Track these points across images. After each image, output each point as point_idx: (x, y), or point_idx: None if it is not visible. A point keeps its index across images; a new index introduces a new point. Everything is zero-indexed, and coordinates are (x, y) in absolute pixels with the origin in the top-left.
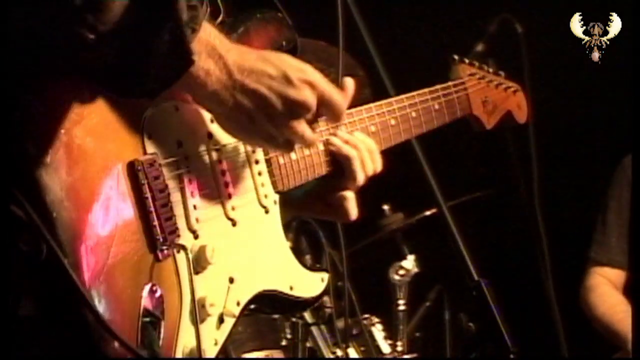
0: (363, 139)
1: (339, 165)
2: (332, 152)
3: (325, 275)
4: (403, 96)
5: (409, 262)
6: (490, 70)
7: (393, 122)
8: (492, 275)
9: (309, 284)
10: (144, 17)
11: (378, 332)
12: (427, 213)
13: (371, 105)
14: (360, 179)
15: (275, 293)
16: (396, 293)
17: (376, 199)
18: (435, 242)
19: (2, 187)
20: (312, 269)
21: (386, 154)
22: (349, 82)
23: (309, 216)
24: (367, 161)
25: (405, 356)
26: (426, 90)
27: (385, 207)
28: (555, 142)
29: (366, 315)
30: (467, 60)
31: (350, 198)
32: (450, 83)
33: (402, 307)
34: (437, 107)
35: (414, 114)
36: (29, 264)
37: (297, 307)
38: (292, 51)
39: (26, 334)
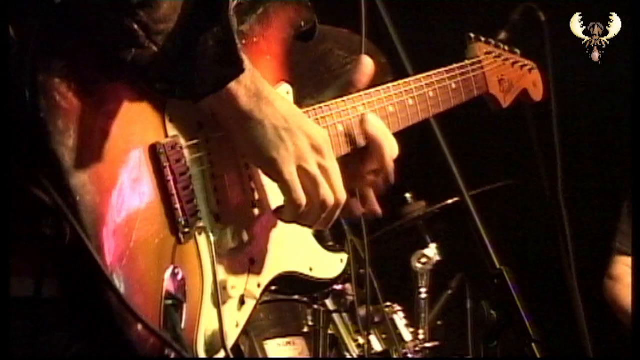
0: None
1: (353, 140)
2: (366, 131)
3: (345, 256)
4: (420, 76)
5: (431, 250)
6: (506, 48)
7: (411, 102)
8: (514, 264)
9: (329, 265)
10: (193, 20)
11: (400, 320)
12: (450, 202)
13: (389, 85)
14: (389, 164)
15: (295, 274)
16: (418, 281)
17: (399, 187)
18: (457, 230)
19: (26, 171)
20: (331, 249)
21: (409, 142)
22: (367, 61)
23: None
24: (390, 148)
25: (427, 344)
26: (443, 69)
27: (408, 195)
28: (579, 131)
29: (388, 303)
30: (483, 39)
31: (370, 197)
32: (467, 62)
33: (424, 295)
34: (454, 86)
35: (431, 94)
36: (52, 248)
37: (318, 288)
38: (311, 31)
39: (48, 317)
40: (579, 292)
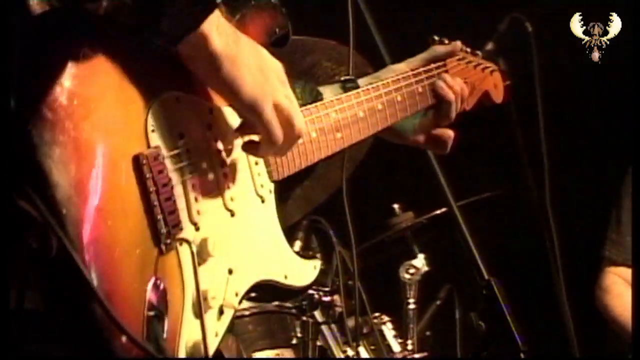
0: (462, 86)
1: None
2: (439, 93)
3: (318, 263)
4: (389, 80)
5: (419, 261)
6: (468, 50)
7: (380, 106)
8: (502, 274)
9: (302, 272)
10: None
11: (388, 330)
12: (438, 212)
13: (360, 90)
14: (452, 117)
15: (271, 282)
16: (406, 292)
17: (386, 198)
18: (445, 241)
19: (12, 183)
20: (303, 256)
21: (396, 153)
22: (458, 44)
23: (413, 145)
24: (459, 104)
25: (416, 355)
26: (410, 73)
27: (396, 206)
28: (566, 140)
29: (376, 314)
30: (446, 41)
31: (451, 135)
32: (432, 65)
33: (412, 306)
34: (420, 90)
35: (399, 98)
36: (37, 261)
37: (293, 294)
38: (285, 37)
39: (32, 328)
40: (567, 301)
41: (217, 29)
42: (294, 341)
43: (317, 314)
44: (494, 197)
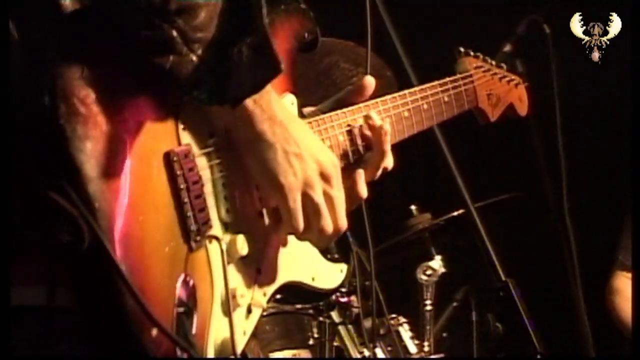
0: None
1: (358, 151)
2: (370, 126)
3: (344, 267)
4: (415, 88)
5: (436, 263)
6: (494, 62)
7: (406, 114)
8: (519, 276)
9: (329, 275)
10: (228, 29)
11: (405, 332)
12: (455, 214)
13: (386, 97)
14: (389, 161)
15: (298, 284)
16: (423, 293)
17: (404, 199)
18: (462, 242)
19: (46, 177)
20: (331, 259)
21: (414, 154)
22: (368, 83)
23: None
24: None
25: (432, 356)
26: (436, 82)
27: (413, 207)
28: (583, 144)
29: (393, 315)
30: (472, 53)
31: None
32: (458, 76)
33: (429, 308)
34: (446, 99)
35: (425, 106)
36: (69, 255)
37: (319, 298)
38: (314, 42)
39: (61, 324)
40: (583, 303)
41: (261, 109)
42: (311, 342)
43: (334, 315)
44: (511, 199)
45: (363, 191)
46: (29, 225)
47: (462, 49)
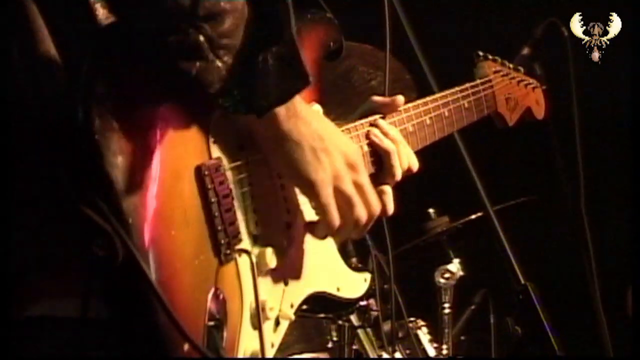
0: (398, 133)
1: (380, 160)
2: (373, 143)
3: (368, 276)
4: (437, 95)
5: (455, 266)
6: (511, 66)
7: (428, 121)
8: (537, 279)
9: (354, 284)
10: (255, 36)
11: (424, 335)
12: (473, 217)
13: (409, 105)
14: (398, 174)
15: (324, 294)
16: (441, 296)
17: (422, 203)
18: (480, 245)
19: (81, 192)
20: (355, 269)
21: (432, 157)
22: (401, 100)
23: None
24: (404, 155)
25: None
26: (457, 88)
27: (431, 210)
28: (601, 145)
29: (412, 319)
30: (490, 57)
31: (388, 192)
32: (478, 81)
33: (447, 311)
34: (466, 105)
35: (446, 113)
36: (103, 269)
37: (344, 308)
38: (338, 51)
39: (94, 337)
40: (602, 306)
41: (286, 107)
42: (330, 345)
43: (353, 318)
44: (529, 202)
45: (390, 208)
46: (65, 236)
47: (480, 53)
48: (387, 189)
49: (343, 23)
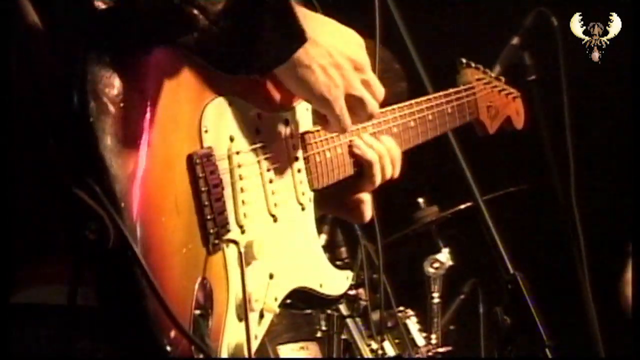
0: (389, 146)
1: (360, 167)
2: (355, 155)
3: (350, 274)
4: (421, 99)
5: (444, 255)
6: (493, 75)
7: (412, 124)
8: (527, 269)
9: (336, 282)
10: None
11: (413, 324)
12: (462, 207)
13: (394, 107)
14: (377, 183)
15: (307, 290)
16: (431, 286)
17: (411, 192)
18: (469, 235)
19: (74, 175)
20: (337, 266)
21: (421, 147)
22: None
23: (324, 211)
24: (387, 167)
25: (440, 349)
26: (441, 93)
27: (420, 200)
28: (592, 135)
29: (401, 308)
30: (473, 65)
31: (366, 200)
32: (461, 87)
33: (436, 300)
34: (449, 110)
35: (430, 117)
36: (93, 253)
37: (326, 304)
38: None
39: (83, 323)
40: (591, 296)
41: None
42: (319, 334)
43: (342, 308)
44: (519, 191)
45: (368, 215)
46: (54, 222)
47: (464, 60)
48: (366, 198)
49: (333, 13)
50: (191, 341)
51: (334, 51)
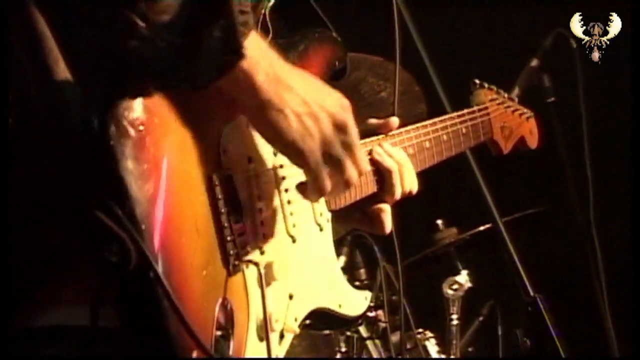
0: (404, 156)
1: (382, 179)
2: (375, 161)
3: (369, 294)
4: (436, 119)
5: (463, 277)
6: (506, 95)
7: (427, 144)
8: (546, 290)
9: (355, 302)
10: (196, 11)
11: (432, 346)
12: (482, 228)
13: (409, 127)
14: (398, 193)
15: (326, 310)
16: (449, 308)
17: (430, 214)
18: (488, 257)
19: (95, 198)
20: (356, 286)
21: (441, 169)
22: (395, 122)
23: (344, 226)
24: (406, 177)
25: None
26: (455, 114)
27: (439, 221)
28: (610, 156)
29: (420, 330)
30: (486, 85)
31: (387, 211)
32: (475, 108)
33: (455, 322)
34: (464, 130)
35: (445, 137)
36: (115, 275)
37: (345, 324)
38: (343, 70)
39: (105, 345)
40: (610, 317)
41: (265, 74)
42: (338, 356)
43: (362, 329)
44: (538, 213)
45: (388, 227)
46: (76, 244)
47: (477, 81)
48: (386, 208)
49: (353, 34)
50: None
51: (312, 101)
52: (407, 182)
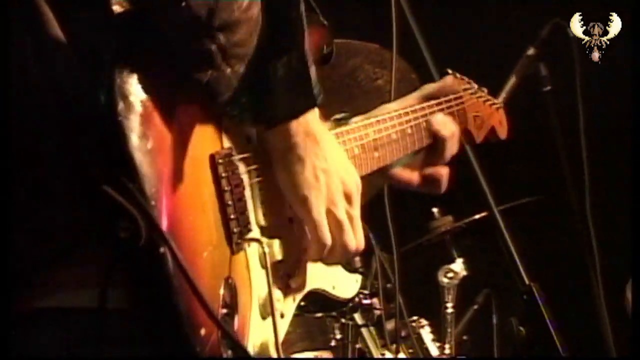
0: (454, 126)
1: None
2: (434, 130)
3: (359, 277)
4: (416, 106)
5: (458, 265)
6: (476, 85)
7: (409, 130)
8: (541, 279)
9: (347, 284)
10: (266, 46)
11: (426, 334)
12: (477, 216)
13: (393, 114)
14: (447, 158)
15: (320, 291)
16: (444, 296)
17: (425, 202)
18: (483, 245)
19: (107, 174)
20: (348, 269)
21: None
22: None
23: (405, 187)
24: (456, 144)
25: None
26: (434, 102)
27: (435, 209)
28: (606, 145)
29: (414, 318)
30: (458, 75)
31: (445, 173)
32: (451, 96)
33: (450, 310)
34: None
35: (424, 124)
36: (125, 251)
37: (337, 307)
38: (330, 55)
39: (114, 326)
40: (606, 306)
41: (298, 122)
42: (333, 343)
43: (357, 317)
44: (534, 202)
45: (444, 185)
46: (84, 222)
47: (449, 71)
48: (446, 170)
49: (350, 21)
50: (229, 336)
51: (332, 162)
52: (455, 148)
